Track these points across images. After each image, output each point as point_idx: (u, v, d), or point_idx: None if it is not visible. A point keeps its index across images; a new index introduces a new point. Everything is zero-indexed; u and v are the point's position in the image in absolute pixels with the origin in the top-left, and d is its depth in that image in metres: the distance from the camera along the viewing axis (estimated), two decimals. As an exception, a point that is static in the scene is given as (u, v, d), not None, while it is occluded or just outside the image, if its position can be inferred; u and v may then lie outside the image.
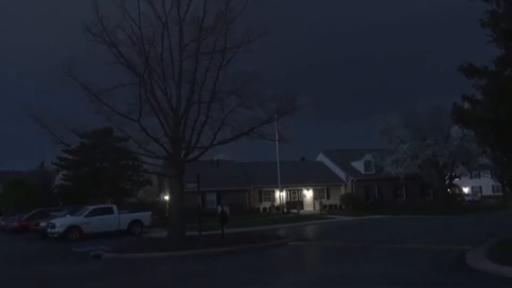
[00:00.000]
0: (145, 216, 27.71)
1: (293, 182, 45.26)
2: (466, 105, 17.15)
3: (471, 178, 54.73)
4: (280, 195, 43.60)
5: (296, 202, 44.53)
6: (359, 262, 13.16)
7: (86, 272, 13.85)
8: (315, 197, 46.40)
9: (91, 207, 26.77)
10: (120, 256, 16.73)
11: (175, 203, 20.48)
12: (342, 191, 47.18)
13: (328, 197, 46.73)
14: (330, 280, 10.51)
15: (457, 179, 46.46)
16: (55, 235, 24.17)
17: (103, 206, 28.47)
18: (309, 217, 35.11)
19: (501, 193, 54.46)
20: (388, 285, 9.65)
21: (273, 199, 44.80)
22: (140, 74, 19.36)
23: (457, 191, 50.83)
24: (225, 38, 19.56)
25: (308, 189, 46.95)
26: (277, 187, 42.89)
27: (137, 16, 18.96)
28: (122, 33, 19.12)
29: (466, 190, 61.62)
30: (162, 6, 19.34)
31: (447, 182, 43.43)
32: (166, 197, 39.36)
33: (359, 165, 48.05)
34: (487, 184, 61.31)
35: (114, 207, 27.20)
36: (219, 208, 21.18)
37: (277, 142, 25.61)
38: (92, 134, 29.99)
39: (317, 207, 41.99)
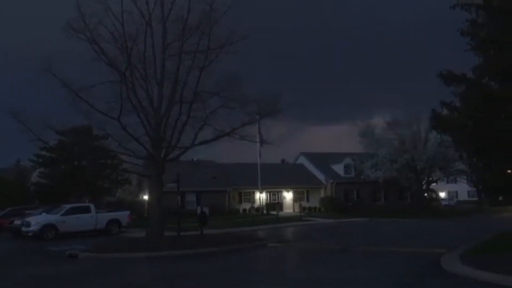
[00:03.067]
0: (123, 216, 27.38)
1: (273, 184, 45.35)
2: (445, 111, 17.47)
3: (447, 183, 55.63)
4: (260, 197, 43.64)
5: (276, 204, 44.62)
6: (338, 264, 13.26)
7: (61, 272, 13.56)
8: (295, 199, 46.59)
9: (68, 206, 26.32)
10: (97, 256, 16.48)
11: (154, 203, 20.31)
12: (322, 193, 47.47)
13: (307, 200, 46.96)
14: (310, 283, 10.56)
15: (434, 184, 47.23)
16: (30, 234, 23.66)
17: (80, 204, 28.05)
18: (289, 219, 35.22)
19: (476, 198, 55.57)
20: (365, 287, 9.75)
21: (253, 200, 44.81)
22: (122, 72, 19.14)
23: (434, 196, 51.62)
24: (208, 38, 19.50)
25: (288, 191, 47.12)
26: (257, 189, 42.92)
27: (120, 13, 18.75)
28: (104, 30, 18.90)
29: (442, 194, 62.66)
30: (146, 4, 19.18)
31: (424, 186, 44.13)
32: (145, 197, 38.99)
33: (339, 168, 48.47)
34: (463, 189, 62.44)
35: (92, 206, 26.82)
36: (199, 209, 21.04)
37: (258, 144, 25.65)
38: (71, 132, 29.49)
39: (297, 209, 42.13)
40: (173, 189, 22.86)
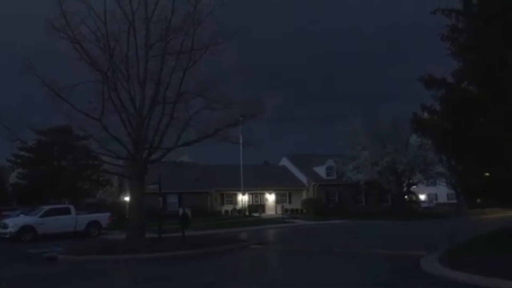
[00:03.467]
0: (104, 217, 27.09)
1: (256, 186, 45.36)
2: (425, 115, 17.73)
3: (427, 185, 56.42)
4: (243, 199, 43.61)
5: (258, 206, 44.66)
6: (319, 266, 13.33)
7: (39, 275, 13.32)
8: (277, 201, 46.70)
9: (47, 207, 25.93)
10: (76, 258, 16.27)
11: (135, 204, 20.11)
12: (304, 195, 47.67)
13: (290, 201, 47.11)
14: (290, 284, 10.59)
15: (414, 186, 47.85)
16: (7, 236, 23.23)
17: (60, 206, 27.69)
18: (271, 220, 35.31)
19: (455, 201, 56.47)
20: (346, 289, 9.84)
21: (235, 202, 44.78)
22: (104, 71, 18.96)
23: (414, 198, 52.31)
24: (192, 39, 19.44)
25: (270, 193, 47.20)
26: (239, 190, 42.89)
27: (103, 13, 18.58)
28: (87, 29, 18.71)
29: (422, 197, 63.52)
30: (129, 4, 19.03)
31: (405, 189, 44.65)
32: (126, 198, 38.62)
33: (321, 170, 48.74)
34: (442, 191, 63.38)
35: (71, 207, 26.47)
36: (181, 210, 20.95)
37: (241, 145, 25.64)
38: (51, 131, 29.09)
39: (279, 211, 42.24)
40: (154, 190, 22.70)
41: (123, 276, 13.24)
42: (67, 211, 25.63)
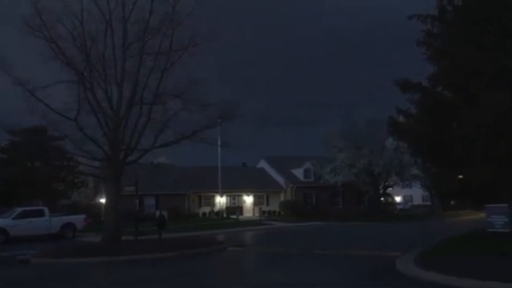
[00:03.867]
0: (79, 219, 26.66)
1: (234, 188, 45.31)
2: (401, 118, 18.04)
3: (403, 187, 57.27)
4: (220, 201, 43.50)
5: (236, 208, 44.62)
6: (296, 268, 13.38)
7: (10, 278, 13.02)
8: (255, 203, 46.73)
9: (20, 209, 25.36)
10: (50, 261, 15.93)
11: (111, 206, 19.82)
12: (282, 197, 47.83)
13: (267, 203, 47.19)
14: (269, 287, 10.60)
15: (390, 188, 48.51)
16: (-22, 238, 22.66)
17: (33, 208, 27.08)
18: (249, 222, 35.30)
19: (429, 203, 57.50)
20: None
21: (213, 204, 44.62)
22: (80, 71, 18.67)
23: (390, 200, 53.04)
24: (170, 40, 19.33)
25: (248, 195, 47.19)
26: (217, 192, 42.77)
27: (79, 12, 18.32)
28: (63, 28, 18.39)
29: (398, 199, 64.46)
30: (107, 4, 18.80)
31: (381, 191, 45.26)
32: (102, 200, 38.08)
33: (298, 173, 48.98)
34: (417, 193, 64.46)
35: (45, 209, 25.95)
36: (158, 213, 20.78)
37: (219, 147, 25.58)
38: (24, 132, 28.49)
39: (257, 213, 42.28)
40: (131, 192, 22.47)
41: (98, 280, 13.03)
42: (41, 213, 25.12)
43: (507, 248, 11.61)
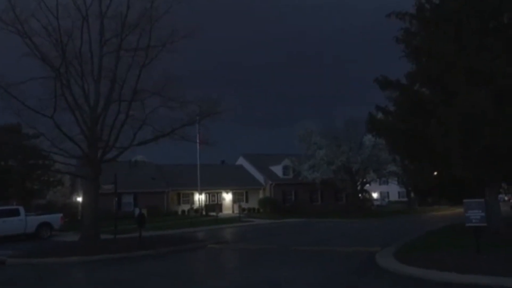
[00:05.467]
0: (55, 219, 26.10)
1: (213, 185, 45.17)
2: (380, 115, 18.25)
3: (380, 184, 58.10)
4: (199, 198, 43.31)
5: (215, 205, 44.49)
6: (277, 265, 13.39)
7: (-13, 279, 12.74)
8: (234, 200, 46.68)
9: (-6, 208, 24.73)
10: (27, 261, 15.57)
11: (89, 205, 19.53)
12: (261, 194, 47.89)
13: (247, 201, 47.20)
14: (250, 285, 10.59)
15: (367, 185, 49.08)
16: (-49, 239, 22.00)
17: (8, 207, 26.40)
18: (228, 220, 35.23)
19: (406, 199, 58.48)
20: (306, 286, 9.94)
21: (192, 201, 44.39)
22: (56, 67, 18.27)
23: (368, 196, 53.69)
24: (149, 36, 19.11)
25: (227, 192, 47.11)
26: (196, 190, 42.56)
27: (55, 6, 17.93)
28: (37, 23, 17.96)
29: (375, 195, 65.38)
30: (83, -2, 18.49)
31: (359, 187, 45.73)
32: (79, 199, 37.48)
33: (277, 170, 49.13)
34: (394, 190, 65.59)
35: (21, 208, 25.32)
36: (137, 211, 20.51)
37: (198, 145, 25.42)
38: (-2, 130, 27.72)
39: (236, 210, 42.21)
40: (109, 190, 22.14)
41: (78, 279, 12.81)
42: (16, 213, 24.49)
43: (484, 242, 11.86)
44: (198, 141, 24.01)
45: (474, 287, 9.09)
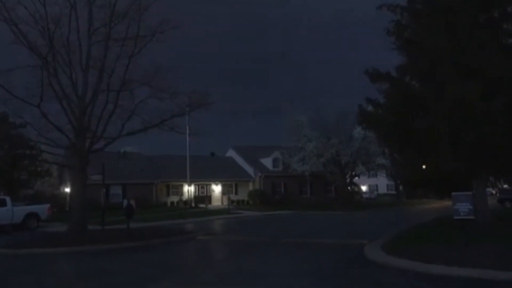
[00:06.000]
0: (42, 209, 25.84)
1: (202, 177, 45.06)
2: (370, 108, 18.24)
3: (369, 177, 58.43)
4: (189, 190, 43.20)
5: (204, 197, 44.43)
6: (266, 256, 13.40)
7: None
8: (223, 192, 46.64)
9: (-20, 199, 24.40)
10: (13, 252, 15.42)
11: (77, 195, 19.33)
12: (250, 186, 47.89)
13: (236, 193, 47.16)
14: (238, 276, 10.57)
15: (356, 178, 49.28)
16: None
17: (-5, 197, 26.09)
18: (217, 212, 35.21)
19: (394, 192, 58.90)
20: (295, 278, 9.93)
21: (181, 193, 44.26)
22: (43, 56, 17.97)
23: (356, 189, 53.96)
24: (138, 25, 18.88)
25: (216, 184, 47.05)
26: (185, 181, 42.42)
27: (42, -7, 17.58)
28: (24, 10, 17.61)
29: (364, 188, 65.76)
30: (71, -15, 18.15)
31: (348, 180, 45.89)
32: (67, 189, 37.15)
33: (267, 162, 49.12)
34: (383, 183, 66.01)
35: (8, 198, 25.02)
36: (125, 202, 20.33)
37: (187, 136, 25.26)
38: (-16, 119, 27.30)
39: (225, 202, 42.18)
40: (97, 181, 21.93)
41: (65, 270, 12.70)
42: (2, 203, 24.20)
43: (472, 235, 11.94)
44: (187, 132, 23.86)
45: (462, 279, 9.15)
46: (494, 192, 46.24)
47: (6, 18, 17.28)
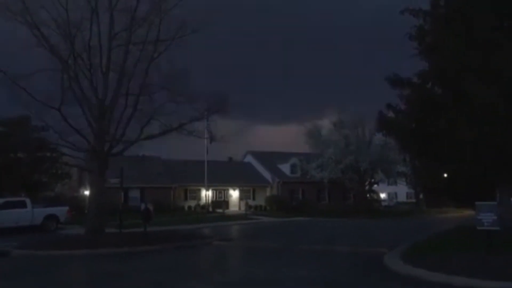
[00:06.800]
0: (62, 211, 26.15)
1: (220, 182, 45.05)
2: (390, 114, 17.96)
3: (388, 184, 57.62)
4: (206, 194, 43.23)
5: (221, 202, 44.40)
6: (282, 263, 13.21)
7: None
8: (241, 198, 46.55)
9: (1, 200, 24.79)
10: (32, 253, 15.58)
11: (95, 198, 19.43)
12: (268, 192, 47.71)
13: (253, 198, 47.03)
14: (253, 282, 10.43)
15: (375, 185, 48.69)
16: (-42, 229, 22.08)
17: (15, 199, 26.48)
18: (234, 217, 35.13)
19: (414, 200, 57.94)
20: (312, 285, 9.76)
21: (198, 198, 44.33)
22: (64, 59, 18.19)
23: (375, 197, 53.28)
24: (158, 29, 18.95)
25: (234, 189, 47.00)
26: (203, 186, 42.48)
27: (64, -2, 17.80)
28: (46, 14, 17.84)
29: (383, 195, 64.86)
30: (93, -10, 18.33)
31: (367, 187, 45.39)
32: (87, 192, 37.51)
33: (285, 168, 48.91)
34: (402, 191, 64.97)
35: (27, 200, 25.40)
36: (143, 205, 20.39)
37: (206, 140, 25.28)
38: (7, 122, 27.79)
39: (243, 208, 42.07)
40: (116, 184, 22.06)
41: (80, 272, 12.74)
42: (23, 205, 24.57)
43: (494, 245, 11.57)
44: (206, 136, 23.84)
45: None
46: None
47: (28, 22, 17.53)
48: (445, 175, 18.65)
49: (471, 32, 14.11)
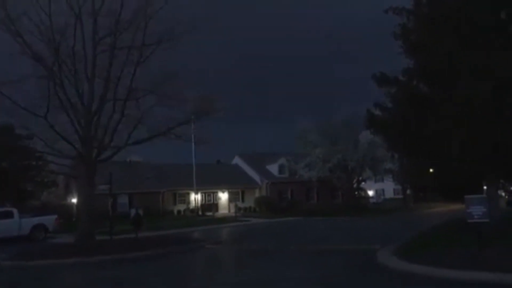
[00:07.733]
0: (50, 220, 25.74)
1: (209, 185, 44.94)
2: (378, 112, 18.08)
3: (375, 182, 58.04)
4: (195, 198, 43.08)
5: (211, 205, 44.30)
6: (276, 264, 13.22)
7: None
8: (230, 200, 46.51)
9: (-13, 211, 24.38)
10: (21, 264, 15.30)
11: (84, 205, 19.23)
12: (257, 193, 47.73)
13: (243, 200, 47.04)
14: (249, 285, 10.40)
15: (363, 183, 49.01)
16: None
17: (1, 209, 26.05)
18: (224, 219, 35.08)
19: (401, 196, 58.45)
20: (308, 285, 9.78)
21: (188, 201, 44.16)
22: (49, 66, 17.97)
23: (363, 194, 53.64)
24: (143, 33, 18.83)
25: (223, 192, 46.92)
26: (192, 190, 42.34)
27: (47, 4, 17.59)
28: (29, 21, 17.61)
29: (370, 193, 65.32)
30: (76, -5, 18.15)
31: (355, 185, 45.65)
32: (74, 200, 37.12)
33: (273, 169, 48.99)
34: (389, 187, 65.56)
35: (15, 210, 24.97)
36: (133, 211, 20.26)
37: (193, 144, 25.15)
38: (-9, 131, 27.29)
39: (232, 210, 42.05)
40: (104, 191, 21.87)
41: (73, 281, 12.58)
42: (9, 215, 24.15)
43: (485, 238, 11.73)
44: (193, 140, 23.74)
45: (477, 284, 8.96)
46: (503, 194, 45.80)
47: (11, 29, 17.28)
48: (432, 170, 18.85)
49: (457, 30, 14.27)
